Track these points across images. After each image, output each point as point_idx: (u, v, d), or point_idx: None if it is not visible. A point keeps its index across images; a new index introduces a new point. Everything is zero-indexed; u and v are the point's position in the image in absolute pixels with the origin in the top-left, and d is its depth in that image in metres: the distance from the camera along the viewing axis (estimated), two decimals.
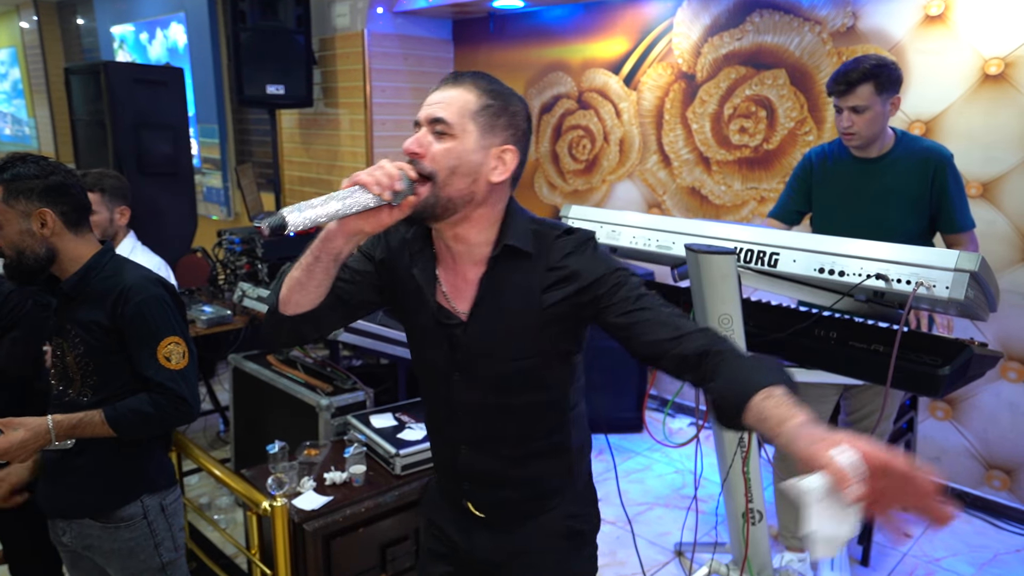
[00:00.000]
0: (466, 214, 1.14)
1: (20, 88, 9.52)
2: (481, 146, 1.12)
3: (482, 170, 1.12)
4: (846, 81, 2.11)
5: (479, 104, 1.12)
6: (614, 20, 3.92)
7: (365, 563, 2.03)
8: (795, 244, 1.68)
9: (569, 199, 4.31)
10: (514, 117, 1.15)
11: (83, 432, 1.52)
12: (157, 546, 1.67)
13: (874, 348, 1.66)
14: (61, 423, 1.50)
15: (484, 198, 1.14)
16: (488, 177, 1.13)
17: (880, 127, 2.15)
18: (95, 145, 3.82)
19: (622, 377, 3.64)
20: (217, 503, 2.92)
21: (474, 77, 1.15)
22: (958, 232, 2.22)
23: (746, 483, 1.94)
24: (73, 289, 1.54)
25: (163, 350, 1.55)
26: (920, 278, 1.47)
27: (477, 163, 1.12)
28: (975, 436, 2.98)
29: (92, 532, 1.62)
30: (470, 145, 1.11)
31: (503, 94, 1.15)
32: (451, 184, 1.11)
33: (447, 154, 1.10)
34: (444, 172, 1.10)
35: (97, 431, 1.52)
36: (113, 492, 1.63)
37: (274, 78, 4.21)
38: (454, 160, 1.10)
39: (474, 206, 1.14)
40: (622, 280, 1.15)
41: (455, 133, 1.11)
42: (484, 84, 1.14)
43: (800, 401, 0.94)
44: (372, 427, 2.26)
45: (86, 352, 1.55)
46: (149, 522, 1.66)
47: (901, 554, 2.70)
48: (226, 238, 3.19)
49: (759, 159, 3.47)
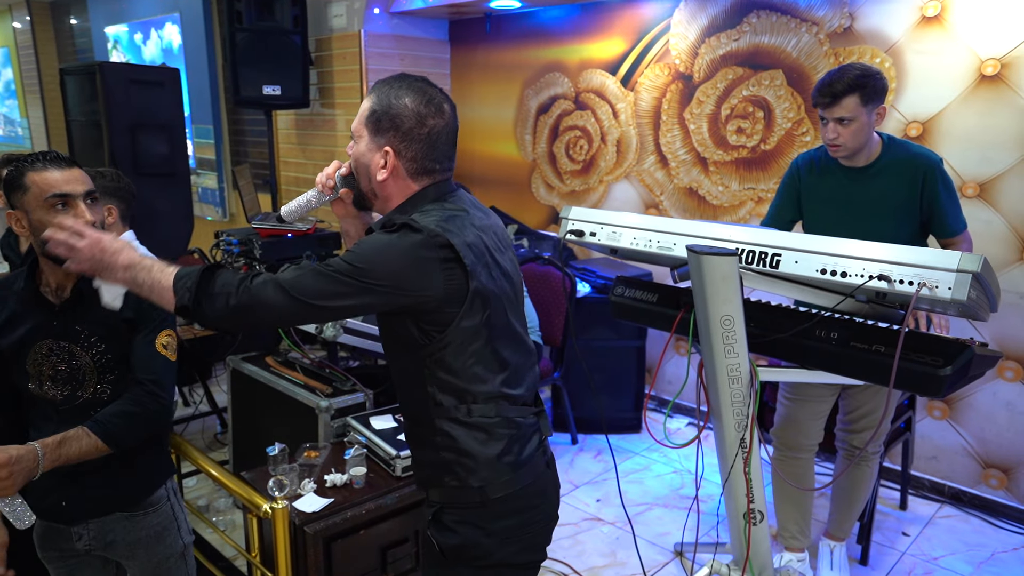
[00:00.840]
0: (378, 205, 1.38)
1: (13, 88, 9.46)
2: (369, 148, 1.31)
3: (372, 169, 1.32)
4: (831, 93, 2.07)
5: (369, 111, 1.31)
6: (611, 21, 3.92)
7: (366, 565, 2.03)
8: (797, 245, 1.68)
9: (566, 200, 4.31)
10: (395, 119, 1.29)
11: (68, 450, 1.44)
12: (179, 528, 1.70)
13: (875, 349, 1.66)
14: (47, 444, 1.43)
15: (381, 192, 1.34)
16: (376, 175, 1.31)
17: (866, 137, 2.14)
18: (90, 146, 3.80)
19: (620, 378, 3.64)
20: (215, 505, 2.90)
21: (381, 84, 1.32)
22: (951, 236, 2.21)
23: (747, 483, 1.94)
24: (88, 286, 1.53)
25: (162, 339, 1.58)
26: (923, 279, 1.47)
27: (367, 163, 1.33)
28: (972, 435, 2.99)
29: (116, 526, 1.62)
30: (362, 148, 1.33)
31: (389, 97, 1.29)
32: (359, 182, 1.36)
33: (353, 157, 1.36)
34: (354, 172, 1.37)
35: (83, 446, 1.46)
36: (146, 479, 1.65)
37: (270, 79, 4.20)
38: (355, 162, 1.36)
39: (381, 201, 1.36)
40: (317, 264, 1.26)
41: (356, 139, 1.34)
42: (382, 90, 1.31)
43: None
44: (372, 429, 2.26)
45: (107, 349, 1.55)
46: (171, 504, 1.69)
47: (899, 553, 2.71)
48: (223, 239, 3.17)
49: (756, 159, 3.48)
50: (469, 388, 1.30)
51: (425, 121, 1.29)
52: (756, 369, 1.86)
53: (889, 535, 2.82)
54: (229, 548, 2.60)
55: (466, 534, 1.32)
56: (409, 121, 1.28)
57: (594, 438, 3.65)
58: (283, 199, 5.01)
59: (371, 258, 1.21)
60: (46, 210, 1.46)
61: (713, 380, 1.89)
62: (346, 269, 1.20)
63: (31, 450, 1.40)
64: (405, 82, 1.31)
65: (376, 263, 1.21)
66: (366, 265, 1.20)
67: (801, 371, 1.86)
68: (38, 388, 1.56)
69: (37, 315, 1.55)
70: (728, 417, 1.91)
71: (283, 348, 2.87)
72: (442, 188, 1.35)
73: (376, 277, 1.20)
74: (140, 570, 1.69)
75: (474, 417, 1.31)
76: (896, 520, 2.93)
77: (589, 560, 2.67)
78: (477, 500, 1.31)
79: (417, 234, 1.22)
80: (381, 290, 1.21)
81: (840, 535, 2.54)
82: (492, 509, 1.32)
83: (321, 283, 1.20)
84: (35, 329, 1.54)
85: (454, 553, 1.33)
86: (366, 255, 1.21)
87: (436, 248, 1.23)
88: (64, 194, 1.47)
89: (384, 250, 1.22)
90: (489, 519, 1.32)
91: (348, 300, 1.21)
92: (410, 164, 1.30)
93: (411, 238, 1.22)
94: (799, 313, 1.84)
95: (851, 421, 2.37)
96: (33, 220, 1.47)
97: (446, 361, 1.28)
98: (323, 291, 1.20)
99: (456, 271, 1.24)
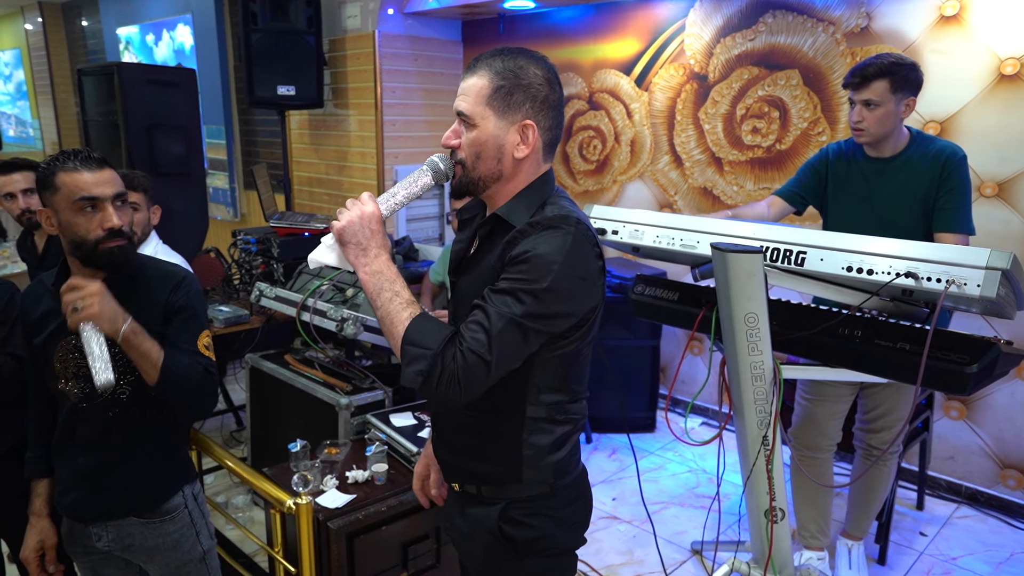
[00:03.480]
0: (497, 188, 1.25)
1: (24, 90, 9.53)
2: (500, 127, 1.21)
3: (506, 149, 1.22)
4: (862, 75, 2.11)
5: (491, 88, 1.20)
6: (625, 21, 3.93)
7: (387, 561, 2.04)
8: (822, 243, 1.68)
9: (579, 199, 4.32)
10: (528, 90, 1.20)
11: (141, 343, 1.45)
12: (198, 535, 1.69)
13: (900, 346, 1.66)
14: (135, 325, 1.45)
15: (512, 174, 1.24)
16: (513, 154, 1.22)
17: (891, 127, 2.15)
18: (107, 146, 3.83)
19: (634, 377, 3.64)
20: (233, 502, 2.92)
21: (489, 58, 1.22)
22: (949, 232, 2.13)
23: (770, 481, 1.95)
24: (124, 283, 1.54)
25: (203, 340, 1.61)
26: (951, 276, 1.47)
27: (499, 145, 1.22)
28: (990, 436, 2.98)
29: (134, 531, 1.62)
30: (491, 129, 1.21)
31: (514, 71, 1.20)
32: (478, 167, 1.23)
33: (471, 143, 1.22)
34: (471, 158, 1.23)
35: (152, 353, 1.47)
36: (161, 485, 1.64)
37: (285, 79, 4.22)
38: (478, 147, 1.22)
39: (504, 182, 1.24)
40: (520, 270, 1.15)
41: (475, 122, 1.21)
42: (498, 64, 1.21)
43: None
44: (392, 426, 2.27)
45: None
46: (189, 511, 1.68)
47: (917, 553, 2.71)
48: (241, 238, 3.19)
49: (772, 159, 3.48)
50: (572, 387, 1.29)
51: (554, 87, 1.23)
52: (779, 367, 1.86)
53: (906, 535, 2.82)
54: (248, 544, 2.62)
55: (540, 525, 1.31)
56: (544, 89, 1.21)
57: (608, 437, 3.65)
58: (296, 199, 5.04)
59: (557, 285, 1.14)
60: (75, 212, 1.47)
61: (736, 378, 1.89)
62: (534, 308, 1.13)
63: (121, 310, 1.43)
64: (512, 51, 1.23)
65: (561, 290, 1.15)
66: (551, 298, 1.14)
67: (824, 368, 1.86)
68: (64, 385, 1.57)
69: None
70: (751, 415, 1.91)
71: (298, 345, 2.88)
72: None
73: (559, 306, 1.16)
74: (159, 574, 1.69)
75: (567, 415, 1.30)
76: (913, 520, 2.92)
77: (606, 558, 2.67)
78: (547, 491, 1.31)
79: (577, 236, 1.17)
80: (562, 323, 1.18)
81: (858, 534, 2.54)
82: (560, 498, 1.33)
83: (516, 338, 1.14)
84: (62, 326, 1.55)
85: (528, 546, 1.32)
86: (551, 281, 1.14)
87: (592, 246, 1.20)
88: (93, 197, 1.47)
89: (564, 267, 1.15)
90: (557, 508, 1.33)
91: (531, 347, 1.18)
92: (546, 135, 1.24)
93: (576, 244, 1.16)
94: (820, 311, 1.85)
95: (869, 420, 2.37)
96: (62, 220, 1.49)
97: (566, 360, 1.25)
98: (514, 351, 1.15)
99: (600, 272, 1.23)
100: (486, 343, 1.12)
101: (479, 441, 1.31)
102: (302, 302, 2.63)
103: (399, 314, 1.17)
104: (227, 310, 2.97)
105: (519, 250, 1.16)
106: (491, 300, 1.15)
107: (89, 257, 1.50)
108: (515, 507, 1.31)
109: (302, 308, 2.62)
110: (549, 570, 1.36)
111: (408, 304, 1.18)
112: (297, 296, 2.69)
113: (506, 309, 1.13)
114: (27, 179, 2.54)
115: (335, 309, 2.52)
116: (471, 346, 1.12)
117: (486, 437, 1.31)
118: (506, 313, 1.13)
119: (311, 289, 2.66)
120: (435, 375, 1.13)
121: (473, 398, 1.15)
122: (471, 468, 1.34)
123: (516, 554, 1.32)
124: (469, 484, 1.36)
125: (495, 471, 1.31)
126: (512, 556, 1.32)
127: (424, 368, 1.13)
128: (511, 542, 1.30)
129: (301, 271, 2.89)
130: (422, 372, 1.13)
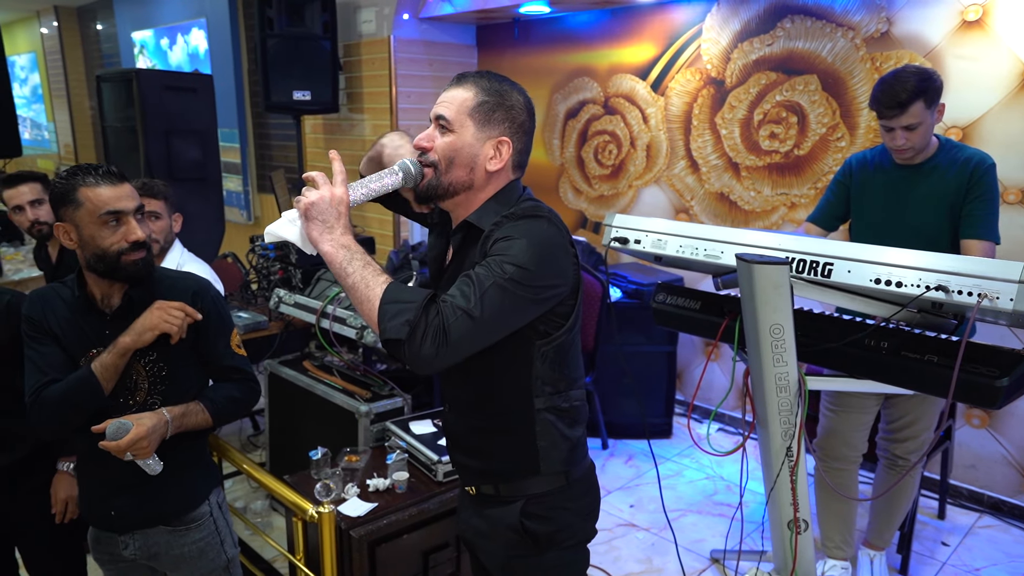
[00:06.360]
0: (466, 196, 1.30)
1: (40, 93, 9.61)
2: (478, 139, 1.26)
3: (479, 160, 1.27)
4: (898, 103, 2.04)
5: (476, 101, 1.26)
6: (641, 26, 3.92)
7: (408, 569, 2.04)
8: (850, 254, 1.67)
9: (594, 204, 4.31)
10: (509, 111, 1.27)
11: (187, 421, 1.58)
12: (222, 543, 1.71)
13: (928, 359, 1.64)
14: (174, 411, 1.56)
15: (482, 185, 1.29)
16: (485, 167, 1.27)
17: (931, 136, 2.16)
18: (126, 151, 3.86)
19: (651, 383, 3.63)
20: (252, 507, 2.93)
21: (477, 76, 1.29)
22: (976, 239, 2.11)
23: (793, 493, 1.93)
24: (146, 299, 1.57)
25: (235, 339, 1.69)
26: (983, 289, 1.46)
27: (473, 155, 1.27)
28: (1012, 444, 2.95)
29: (160, 540, 1.63)
30: (467, 138, 1.26)
31: (500, 91, 1.27)
32: (450, 172, 1.27)
33: (447, 147, 1.27)
34: (444, 162, 1.27)
35: (198, 420, 1.60)
36: (189, 494, 1.66)
37: (300, 84, 4.24)
38: (451, 152, 1.27)
39: (475, 191, 1.30)
40: (500, 247, 1.18)
41: (453, 128, 1.26)
42: (484, 83, 1.28)
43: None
44: (412, 433, 2.27)
45: (159, 357, 1.57)
46: (215, 519, 1.70)
47: (940, 563, 2.68)
48: (259, 244, 3.20)
49: (790, 165, 3.46)
50: (569, 375, 1.34)
51: (532, 117, 1.32)
52: (805, 378, 1.84)
53: (928, 544, 2.79)
54: (268, 550, 2.62)
55: (559, 518, 1.36)
56: (522, 115, 1.30)
57: (624, 443, 3.64)
58: None
59: (539, 257, 1.18)
60: (99, 226, 1.49)
61: (760, 388, 1.88)
62: (518, 275, 1.16)
63: (162, 418, 1.53)
64: (499, 77, 1.31)
65: (544, 261, 1.19)
66: (535, 267, 1.18)
67: (850, 380, 1.84)
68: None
69: (90, 323, 1.58)
70: (775, 426, 1.90)
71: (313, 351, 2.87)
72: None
73: (543, 279, 1.19)
74: None
75: (570, 402, 1.35)
76: (934, 530, 2.90)
77: (625, 566, 2.67)
78: (563, 483, 1.35)
79: (551, 221, 1.24)
80: (549, 293, 1.22)
81: (880, 544, 2.52)
82: (575, 489, 1.37)
83: (504, 300, 1.16)
84: (87, 337, 1.57)
85: (549, 539, 1.36)
86: (531, 254, 1.17)
87: (565, 234, 1.26)
88: (117, 211, 1.50)
89: (543, 243, 1.20)
90: (573, 499, 1.37)
91: (519, 317, 1.21)
92: (517, 157, 1.32)
93: (550, 226, 1.23)
94: (844, 321, 1.83)
95: (894, 431, 2.35)
96: (84, 235, 1.50)
97: (561, 350, 1.30)
98: (503, 313, 1.17)
99: (574, 258, 1.28)
100: (472, 297, 1.14)
101: (495, 441, 1.36)
102: (321, 309, 2.63)
103: (375, 278, 1.18)
104: (246, 316, 2.98)
105: (499, 235, 1.20)
106: (475, 270, 1.18)
107: (111, 270, 1.52)
108: (535, 503, 1.35)
109: (321, 315, 2.63)
110: (567, 562, 1.40)
111: (381, 273, 1.19)
112: (316, 303, 2.69)
113: (491, 273, 1.16)
114: (34, 191, 2.54)
115: (355, 316, 2.52)
116: (456, 301, 1.14)
117: (501, 436, 1.35)
118: (491, 275, 1.16)
119: (330, 296, 2.66)
120: (420, 329, 1.12)
121: (456, 358, 1.16)
122: (492, 468, 1.38)
123: (538, 548, 1.36)
124: (487, 485, 1.39)
125: (514, 467, 1.35)
126: (533, 551, 1.36)
127: (411, 319, 1.12)
128: (533, 537, 1.34)
129: (320, 277, 2.90)
130: (409, 322, 1.12)
